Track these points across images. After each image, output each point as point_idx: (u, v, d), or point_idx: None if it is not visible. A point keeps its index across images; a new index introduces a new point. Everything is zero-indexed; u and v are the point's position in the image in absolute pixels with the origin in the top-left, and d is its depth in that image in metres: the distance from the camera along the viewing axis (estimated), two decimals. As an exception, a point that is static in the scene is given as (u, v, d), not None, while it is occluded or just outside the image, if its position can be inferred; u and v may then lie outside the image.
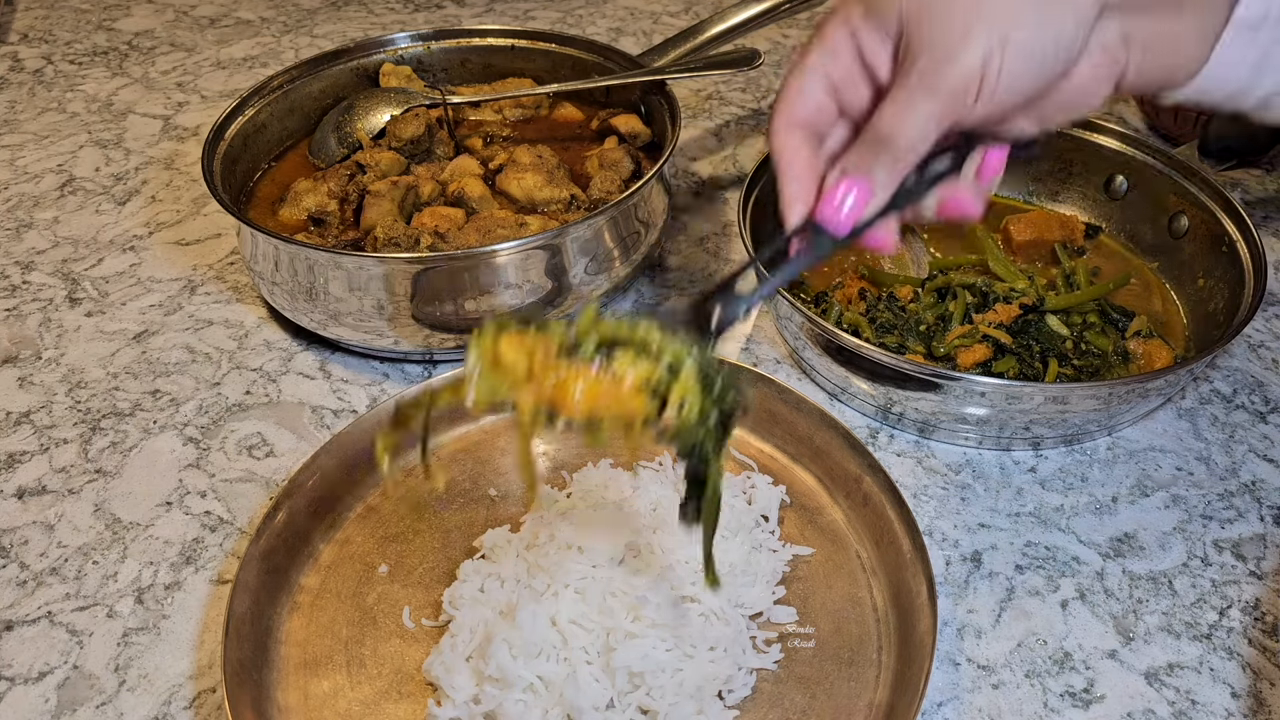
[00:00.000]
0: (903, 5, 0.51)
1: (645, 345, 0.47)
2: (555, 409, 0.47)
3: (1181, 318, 0.91)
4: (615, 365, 0.46)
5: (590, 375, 0.46)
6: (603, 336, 0.47)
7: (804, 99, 0.54)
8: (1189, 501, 0.77)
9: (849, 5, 0.53)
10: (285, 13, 1.55)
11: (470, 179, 0.94)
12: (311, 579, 0.72)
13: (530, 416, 0.47)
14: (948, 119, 0.51)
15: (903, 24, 0.51)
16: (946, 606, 0.70)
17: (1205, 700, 0.65)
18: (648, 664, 0.61)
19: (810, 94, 0.54)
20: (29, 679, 0.68)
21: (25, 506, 0.79)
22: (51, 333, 0.95)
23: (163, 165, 1.19)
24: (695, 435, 0.48)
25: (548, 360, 0.46)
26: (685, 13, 1.52)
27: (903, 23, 0.51)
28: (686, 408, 0.47)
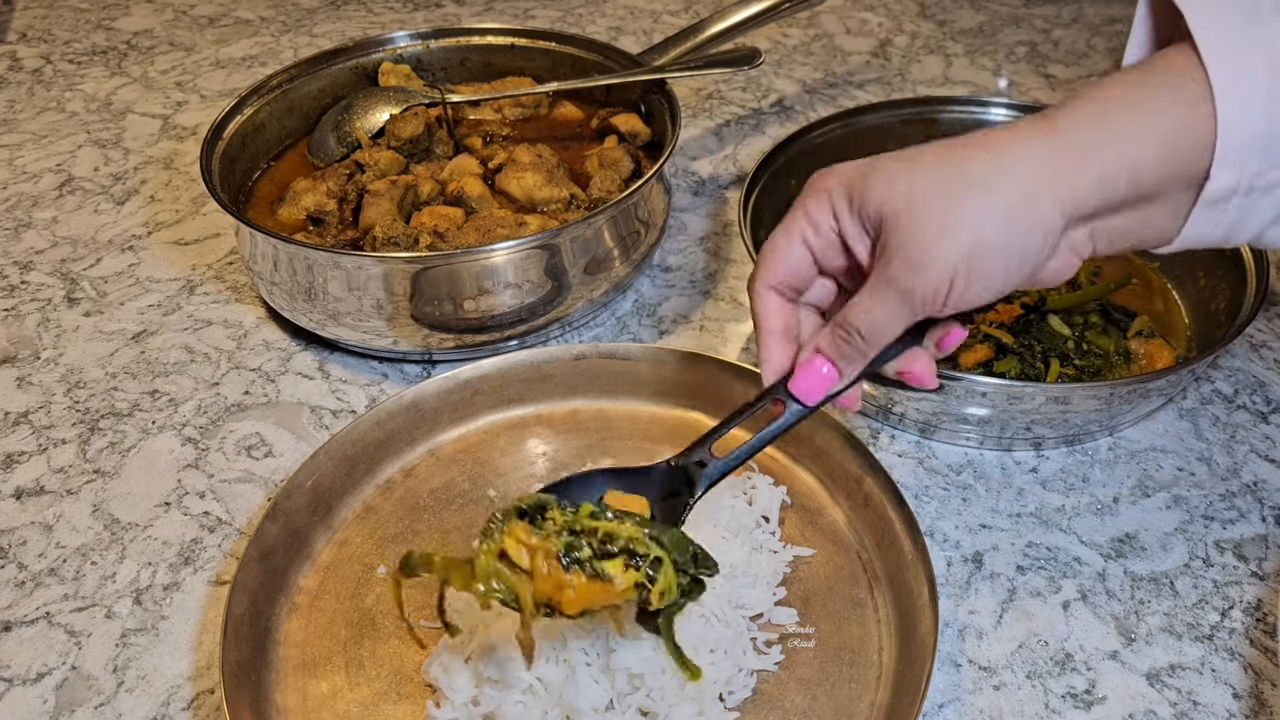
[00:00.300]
0: (883, 205, 0.55)
1: (632, 547, 0.55)
2: (554, 607, 0.54)
3: (1183, 318, 0.90)
4: (607, 569, 0.54)
5: (583, 582, 0.54)
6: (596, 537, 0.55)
7: (785, 264, 0.60)
8: (1190, 502, 0.77)
9: (834, 188, 0.57)
10: (284, 12, 1.54)
11: (469, 178, 0.94)
12: (310, 580, 0.71)
13: (530, 612, 0.54)
14: (916, 318, 0.56)
15: (882, 223, 0.55)
16: (948, 607, 0.70)
17: (1207, 701, 0.65)
18: (648, 665, 0.61)
19: (791, 260, 0.60)
20: (27, 680, 0.67)
21: (24, 507, 0.79)
22: (50, 333, 0.95)
23: (162, 165, 1.19)
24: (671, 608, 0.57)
25: (550, 566, 0.54)
26: (685, 11, 1.52)
27: (882, 221, 0.55)
28: (667, 595, 0.55)
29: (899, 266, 0.54)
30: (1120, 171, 0.52)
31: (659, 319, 0.95)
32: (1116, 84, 0.53)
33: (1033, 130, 0.53)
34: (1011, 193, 0.52)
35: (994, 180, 0.52)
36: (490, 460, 0.80)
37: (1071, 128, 0.52)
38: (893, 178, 0.54)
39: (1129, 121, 0.52)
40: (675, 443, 0.80)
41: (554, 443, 0.81)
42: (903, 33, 1.45)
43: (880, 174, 0.55)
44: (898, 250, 0.54)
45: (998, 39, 1.43)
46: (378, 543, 0.74)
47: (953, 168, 0.53)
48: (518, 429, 0.82)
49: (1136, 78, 0.53)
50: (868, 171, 0.56)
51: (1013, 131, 0.54)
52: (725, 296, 0.97)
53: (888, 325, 0.56)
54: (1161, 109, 0.51)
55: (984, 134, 0.55)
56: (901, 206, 0.53)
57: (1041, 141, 0.53)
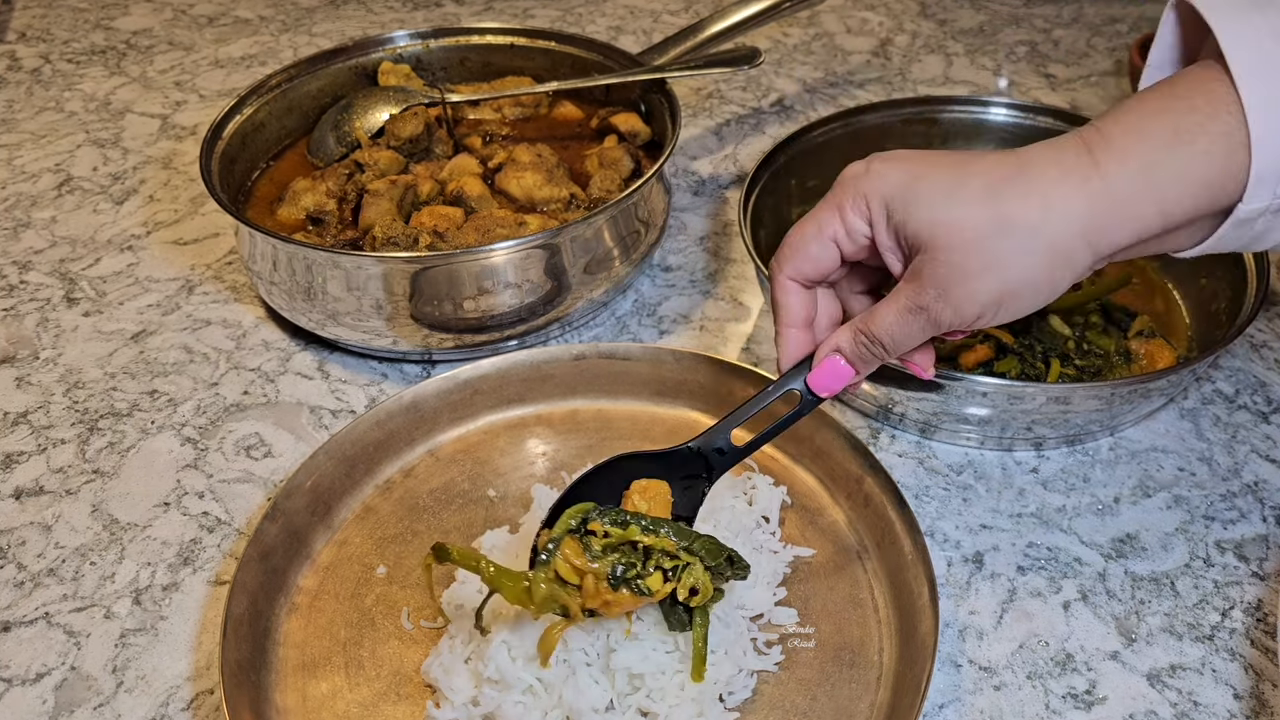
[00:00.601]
0: (924, 233, 0.56)
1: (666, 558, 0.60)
2: (598, 612, 0.60)
3: (1184, 318, 0.90)
4: (649, 585, 0.59)
5: (628, 596, 0.59)
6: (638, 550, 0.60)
7: (812, 262, 0.62)
8: (1191, 502, 0.77)
9: (874, 199, 0.58)
10: (284, 11, 1.54)
11: (469, 178, 0.94)
12: (310, 580, 0.71)
13: (579, 620, 0.60)
14: (939, 333, 0.59)
15: (920, 248, 0.57)
16: (948, 607, 0.70)
17: (1207, 702, 0.64)
18: (648, 665, 0.61)
19: (820, 259, 0.61)
20: (26, 680, 0.67)
21: (23, 507, 0.79)
22: (49, 333, 0.95)
23: (161, 164, 1.19)
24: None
25: (599, 585, 0.59)
26: (685, 11, 1.52)
27: (920, 247, 0.57)
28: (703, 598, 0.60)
29: (933, 297, 0.57)
30: (1157, 217, 0.54)
31: (659, 319, 0.95)
32: (1161, 119, 0.53)
33: (1081, 176, 0.54)
34: (1053, 242, 0.55)
35: (1039, 229, 0.54)
36: (490, 460, 0.80)
37: (1118, 176, 0.54)
38: (936, 207, 0.55)
39: (1172, 171, 0.53)
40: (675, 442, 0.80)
41: (554, 443, 0.81)
42: (903, 32, 1.45)
43: (924, 199, 0.56)
44: (933, 279, 0.56)
45: (998, 39, 1.42)
46: (377, 543, 0.74)
47: (999, 213, 0.54)
48: (518, 429, 0.82)
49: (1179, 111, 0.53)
50: (911, 189, 0.56)
51: (1060, 170, 0.55)
52: (725, 296, 0.97)
53: (910, 340, 0.60)
54: (1203, 151, 0.52)
55: (1029, 165, 0.55)
56: (943, 241, 0.55)
57: (1087, 192, 0.54)
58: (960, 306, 0.56)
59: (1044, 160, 0.55)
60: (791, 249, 0.62)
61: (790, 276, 0.62)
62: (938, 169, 0.57)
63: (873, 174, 0.58)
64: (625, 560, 0.59)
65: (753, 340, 0.92)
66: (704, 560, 0.60)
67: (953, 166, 0.57)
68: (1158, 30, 0.63)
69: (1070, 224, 0.54)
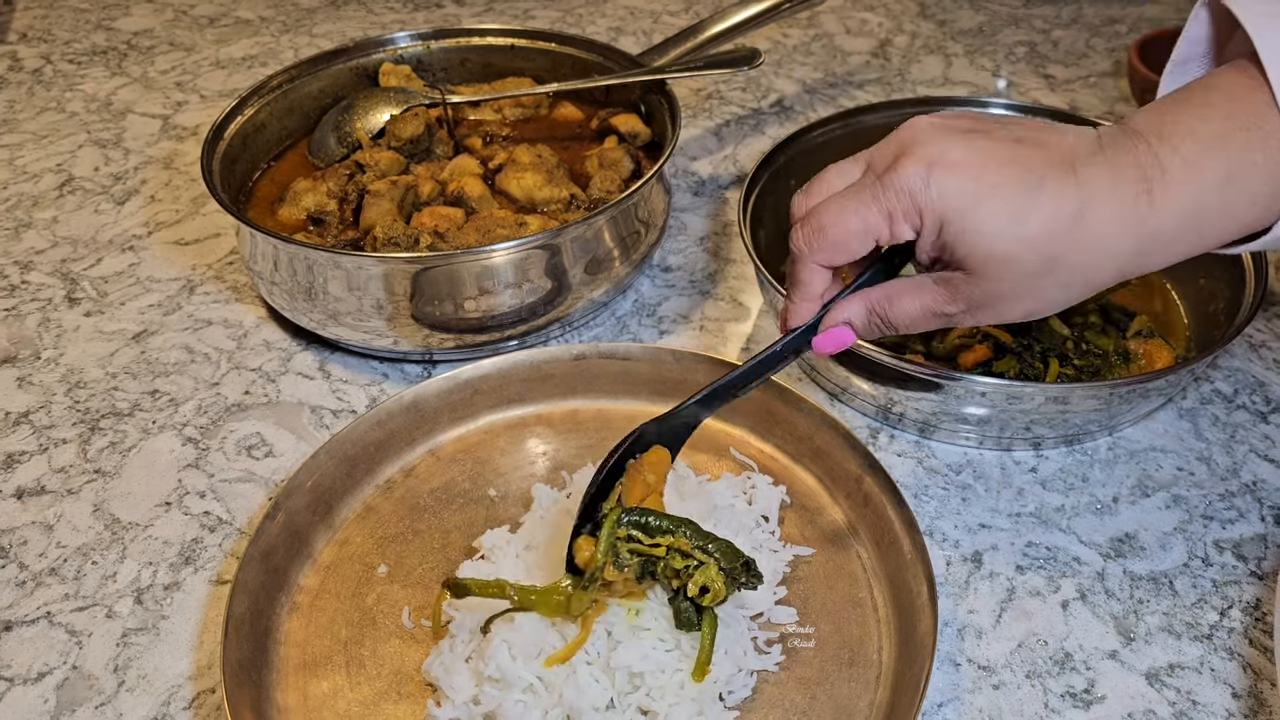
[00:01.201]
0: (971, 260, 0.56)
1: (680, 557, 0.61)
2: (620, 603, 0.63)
3: (1182, 317, 0.90)
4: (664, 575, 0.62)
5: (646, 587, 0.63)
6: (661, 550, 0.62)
7: (849, 256, 0.60)
8: (1190, 502, 0.77)
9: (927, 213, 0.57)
10: (284, 12, 1.54)
11: (470, 178, 0.94)
12: (311, 579, 0.71)
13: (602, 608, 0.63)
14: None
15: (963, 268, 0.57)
16: (947, 607, 0.70)
17: (1206, 701, 0.65)
18: (648, 664, 0.61)
19: (854, 253, 0.60)
20: (28, 679, 0.67)
21: (24, 507, 0.79)
22: (50, 333, 0.95)
23: (162, 165, 1.19)
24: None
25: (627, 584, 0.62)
26: (685, 12, 1.52)
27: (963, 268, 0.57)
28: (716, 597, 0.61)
29: (961, 310, 0.59)
30: (1193, 250, 0.56)
31: (659, 319, 0.95)
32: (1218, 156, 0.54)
33: (1137, 220, 0.55)
34: (1092, 281, 0.57)
35: (1083, 271, 0.56)
36: (490, 460, 0.80)
37: (1168, 219, 0.55)
38: (992, 241, 0.55)
39: (1219, 213, 0.55)
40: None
41: (554, 443, 0.81)
42: (903, 33, 1.45)
43: (981, 229, 0.55)
44: (967, 298, 0.58)
45: (997, 39, 1.43)
46: (378, 542, 0.74)
47: (1050, 257, 0.56)
48: (518, 429, 0.82)
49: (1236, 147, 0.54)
50: (970, 216, 0.55)
51: (1118, 216, 0.55)
52: (725, 296, 0.98)
53: (922, 330, 0.62)
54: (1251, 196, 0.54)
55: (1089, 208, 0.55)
56: (989, 272, 0.56)
57: (1138, 236, 0.55)
58: (986, 319, 0.60)
59: (1104, 203, 0.55)
60: (830, 241, 0.59)
61: (819, 261, 0.61)
62: (1000, 194, 0.55)
63: (935, 185, 0.56)
64: (646, 557, 0.62)
65: (752, 340, 0.93)
66: (720, 562, 0.61)
67: (1016, 195, 0.55)
68: (1186, 27, 0.63)
69: (1113, 265, 0.56)
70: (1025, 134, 0.57)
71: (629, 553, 0.61)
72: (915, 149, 0.57)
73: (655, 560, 0.61)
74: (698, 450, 0.80)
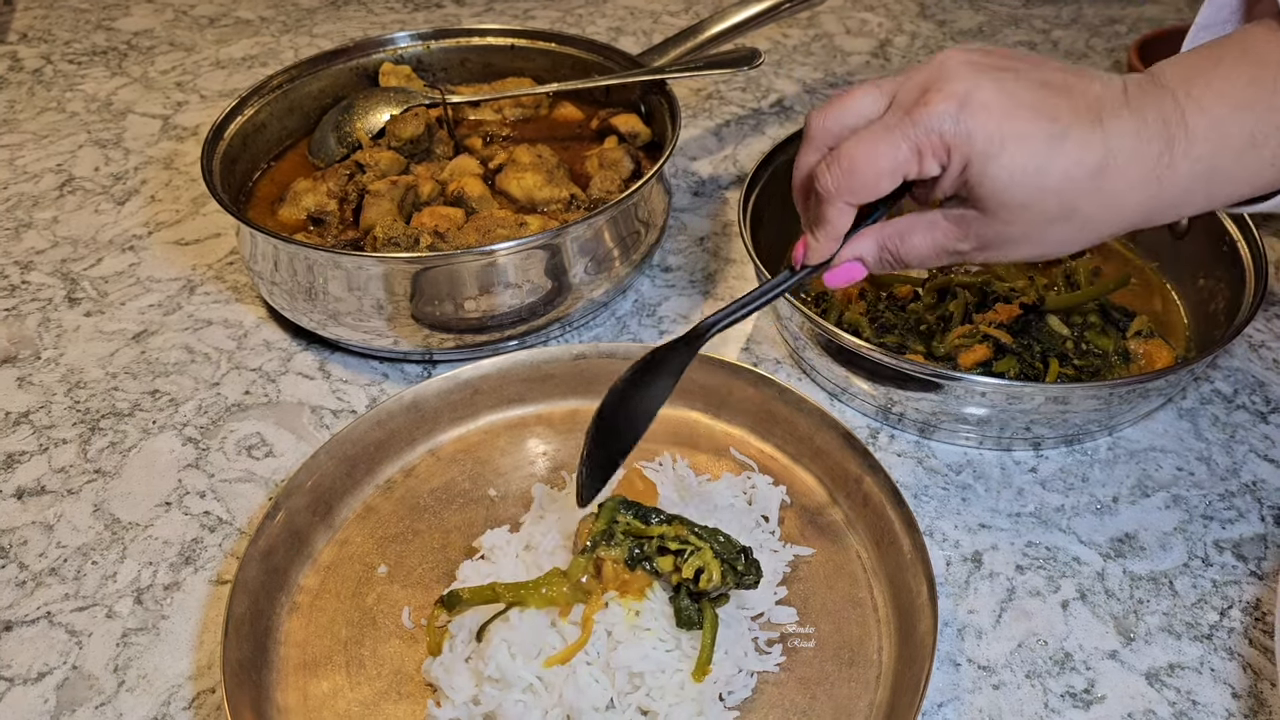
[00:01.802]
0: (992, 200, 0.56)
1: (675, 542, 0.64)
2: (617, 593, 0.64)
3: (1182, 317, 0.90)
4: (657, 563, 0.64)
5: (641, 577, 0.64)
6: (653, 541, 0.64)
7: (878, 193, 0.59)
8: (1190, 502, 0.77)
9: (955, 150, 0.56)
10: (284, 12, 1.54)
11: (470, 178, 0.94)
12: (311, 579, 0.71)
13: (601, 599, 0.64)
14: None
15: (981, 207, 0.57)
16: (947, 607, 0.70)
17: (1206, 701, 0.65)
18: (648, 664, 0.61)
19: (882, 191, 0.59)
20: (28, 679, 0.67)
21: (24, 507, 0.79)
22: (51, 333, 0.95)
23: (162, 165, 1.19)
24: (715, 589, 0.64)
25: (617, 569, 0.63)
26: (685, 12, 1.52)
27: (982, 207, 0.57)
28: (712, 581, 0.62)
29: (973, 247, 0.59)
30: (1200, 207, 0.56)
31: (659, 319, 0.95)
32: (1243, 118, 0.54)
33: (1156, 177, 0.55)
34: (1104, 232, 0.57)
35: (1097, 221, 0.56)
36: (490, 460, 0.80)
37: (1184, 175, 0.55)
38: (1015, 185, 0.55)
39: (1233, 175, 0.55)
40: (675, 442, 0.80)
41: (554, 443, 0.81)
42: (902, 33, 1.45)
43: (1006, 170, 0.55)
44: (979, 237, 0.58)
45: (997, 39, 1.43)
46: (378, 542, 0.74)
47: (1069, 205, 0.56)
48: (518, 429, 0.82)
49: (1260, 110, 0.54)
50: (997, 158, 0.55)
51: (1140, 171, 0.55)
52: (725, 296, 0.98)
53: (931, 263, 0.61)
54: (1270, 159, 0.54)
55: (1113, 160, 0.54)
56: (1006, 215, 0.56)
57: (1153, 192, 0.55)
58: (993, 258, 0.60)
59: (1126, 158, 0.55)
60: (861, 181, 0.58)
61: (848, 200, 0.59)
62: (1025, 142, 0.54)
63: (964, 124, 0.55)
64: (638, 543, 0.64)
65: (752, 340, 0.93)
66: (717, 551, 0.62)
67: (1040, 144, 0.54)
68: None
69: (1126, 218, 0.56)
70: (1052, 77, 0.56)
71: (623, 534, 0.64)
72: (944, 84, 0.55)
73: (646, 541, 0.63)
74: (698, 450, 0.80)
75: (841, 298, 0.90)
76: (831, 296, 0.90)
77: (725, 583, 0.63)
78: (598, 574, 0.63)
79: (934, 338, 0.85)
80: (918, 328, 0.86)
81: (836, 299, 0.90)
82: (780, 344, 0.92)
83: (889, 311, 0.88)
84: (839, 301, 0.89)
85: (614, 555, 0.63)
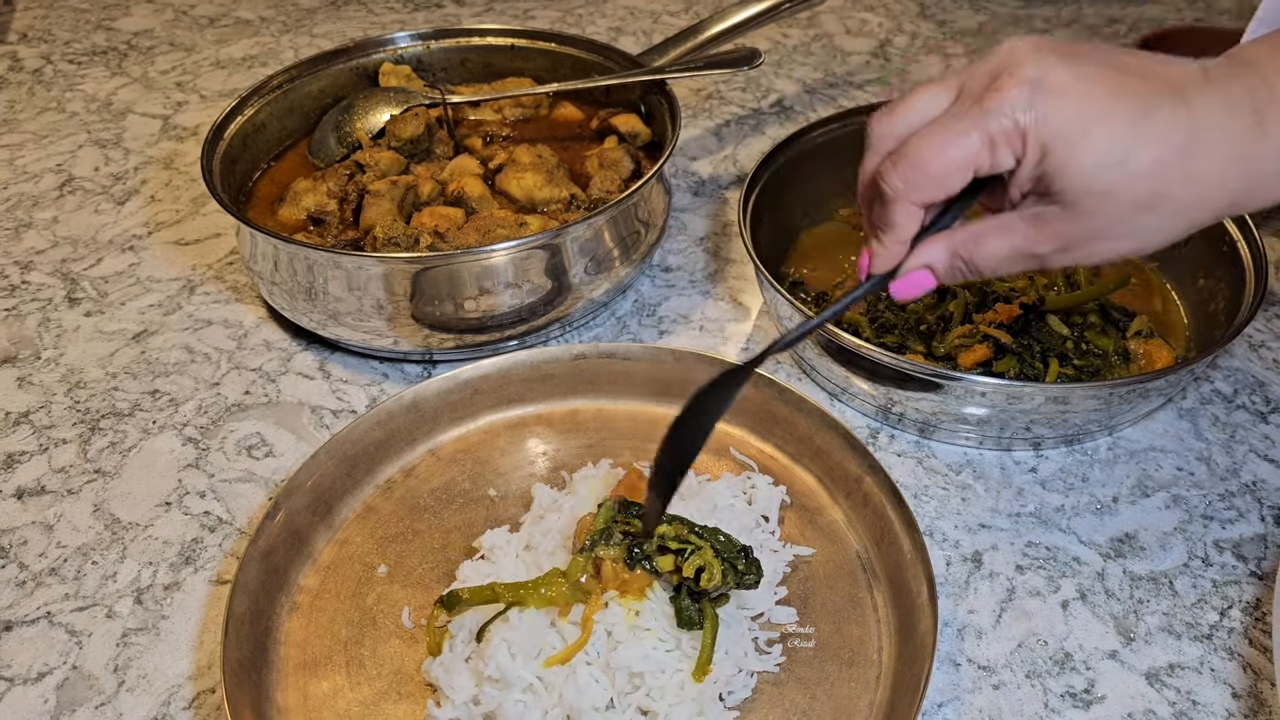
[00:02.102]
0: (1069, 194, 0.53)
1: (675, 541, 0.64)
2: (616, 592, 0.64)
3: (1182, 317, 0.90)
4: (657, 562, 0.64)
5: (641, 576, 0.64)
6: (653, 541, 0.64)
7: (946, 191, 0.55)
8: (1190, 502, 0.77)
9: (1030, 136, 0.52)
10: (284, 12, 1.54)
11: (470, 178, 0.94)
12: (311, 579, 0.71)
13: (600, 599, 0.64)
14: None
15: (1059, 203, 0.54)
16: (947, 607, 0.70)
17: (1206, 701, 0.65)
18: (648, 664, 0.61)
19: (952, 188, 0.55)
20: (28, 679, 0.67)
21: (24, 507, 0.79)
22: (50, 333, 0.95)
23: (162, 165, 1.19)
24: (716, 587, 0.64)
25: (616, 569, 0.64)
26: (685, 12, 1.52)
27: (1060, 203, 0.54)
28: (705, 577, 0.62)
29: (1053, 249, 0.55)
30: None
31: (659, 319, 0.95)
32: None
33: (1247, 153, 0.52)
34: (1195, 221, 0.54)
35: (1188, 209, 0.53)
36: (490, 460, 0.80)
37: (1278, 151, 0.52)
38: (1098, 173, 0.52)
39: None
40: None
41: (554, 443, 0.81)
42: (902, 33, 1.45)
43: (1089, 158, 0.51)
44: (1060, 235, 0.54)
45: (997, 39, 1.43)
46: (378, 542, 0.74)
47: (1158, 192, 0.52)
48: (518, 429, 0.82)
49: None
50: (1078, 143, 0.51)
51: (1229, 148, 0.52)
52: (725, 297, 0.98)
53: (1008, 271, 0.57)
54: None
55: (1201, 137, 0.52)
56: (1090, 207, 0.53)
57: (1246, 170, 0.53)
58: (1077, 260, 0.55)
59: (1214, 135, 0.52)
60: (930, 176, 0.54)
61: (916, 200, 0.55)
62: (1108, 123, 0.51)
63: (1040, 108, 0.51)
64: (637, 542, 0.64)
65: (752, 340, 0.93)
66: (717, 550, 0.63)
67: (1124, 125, 0.51)
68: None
69: (1223, 194, 0.53)
70: (1128, 62, 0.53)
71: (621, 534, 0.64)
72: (1015, 70, 0.52)
73: (645, 540, 0.64)
74: (698, 450, 0.80)
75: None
76: (831, 296, 0.90)
77: (726, 582, 0.63)
78: (597, 574, 0.63)
79: (934, 338, 0.85)
80: (918, 328, 0.86)
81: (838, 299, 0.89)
82: (780, 344, 0.92)
83: (889, 311, 0.88)
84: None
85: (612, 554, 0.63)
